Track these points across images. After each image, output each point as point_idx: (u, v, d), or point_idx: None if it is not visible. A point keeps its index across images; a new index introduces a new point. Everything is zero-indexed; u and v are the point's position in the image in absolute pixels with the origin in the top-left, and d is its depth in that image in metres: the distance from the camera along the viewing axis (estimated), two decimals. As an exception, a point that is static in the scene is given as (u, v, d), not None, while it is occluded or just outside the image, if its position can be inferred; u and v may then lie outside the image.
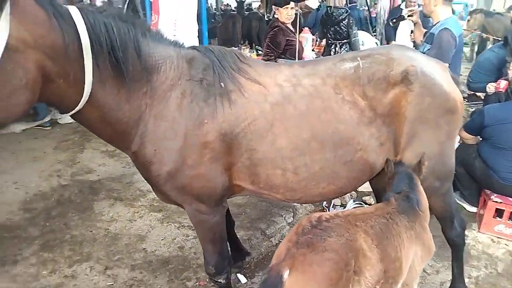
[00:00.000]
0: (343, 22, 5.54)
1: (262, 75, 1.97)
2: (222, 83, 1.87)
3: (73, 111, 1.67)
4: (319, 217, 1.63)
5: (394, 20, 4.29)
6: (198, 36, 4.20)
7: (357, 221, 1.67)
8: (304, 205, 3.71)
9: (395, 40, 6.76)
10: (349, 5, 8.81)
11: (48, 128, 5.81)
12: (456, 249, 2.47)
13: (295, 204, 3.69)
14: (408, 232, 1.75)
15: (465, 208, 3.75)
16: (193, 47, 2.01)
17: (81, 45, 1.56)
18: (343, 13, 5.53)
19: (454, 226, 2.37)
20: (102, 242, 3.22)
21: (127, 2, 5.34)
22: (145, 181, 2.02)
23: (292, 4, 4.42)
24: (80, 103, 1.63)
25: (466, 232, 2.79)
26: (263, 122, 1.89)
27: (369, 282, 1.55)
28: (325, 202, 3.69)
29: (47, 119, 1.75)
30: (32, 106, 1.56)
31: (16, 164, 4.75)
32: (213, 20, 11.28)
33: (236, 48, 6.03)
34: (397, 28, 6.51)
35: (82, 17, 1.57)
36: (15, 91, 1.41)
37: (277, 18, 4.58)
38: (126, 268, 2.90)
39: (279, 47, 4.48)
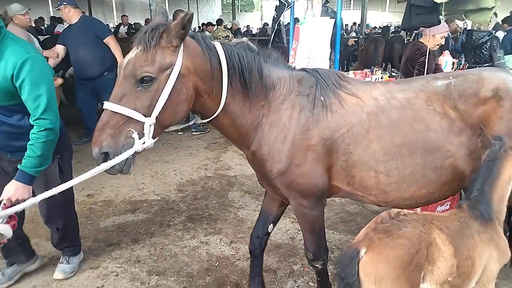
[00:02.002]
0: (485, 45, 5.35)
1: (359, 90, 2.24)
2: (325, 97, 2.18)
3: (211, 118, 2.12)
4: (397, 212, 1.88)
5: None
6: (330, 59, 4.69)
7: (433, 220, 1.87)
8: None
9: None
10: (508, 27, 8.13)
11: (206, 132, 7.11)
12: None
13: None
14: (481, 235, 1.88)
15: None
16: (303, 69, 2.35)
17: (221, 69, 2.02)
18: (484, 36, 5.34)
19: None
20: (231, 222, 3.97)
21: (274, 30, 6.22)
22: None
23: (443, 31, 4.37)
24: (217, 112, 2.09)
25: None
26: (359, 129, 2.15)
27: (441, 273, 1.74)
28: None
29: (191, 123, 2.33)
30: (187, 114, 2.09)
31: (177, 156, 6.01)
32: (354, 44, 11.58)
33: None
34: None
35: (223, 49, 2.05)
36: (180, 103, 1.94)
37: (423, 43, 4.48)
38: (246, 245, 3.50)
39: (431, 72, 4.44)
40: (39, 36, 7.82)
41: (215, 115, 2.10)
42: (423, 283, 1.74)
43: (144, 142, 1.87)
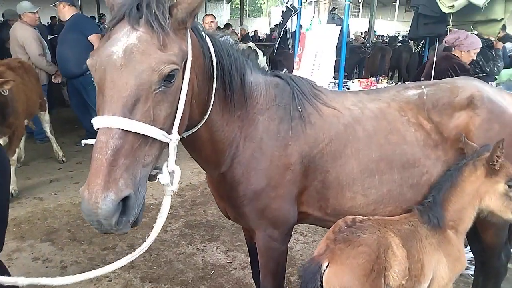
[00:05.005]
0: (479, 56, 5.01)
1: (332, 100, 2.03)
2: (302, 107, 1.93)
3: (192, 131, 1.67)
4: (353, 218, 1.86)
5: None
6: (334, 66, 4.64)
7: (386, 224, 1.87)
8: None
9: None
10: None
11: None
12: (497, 279, 2.40)
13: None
14: (429, 239, 1.88)
15: None
16: (276, 75, 2.04)
17: (213, 67, 1.64)
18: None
19: (501, 257, 2.35)
20: (229, 230, 3.90)
21: (280, 36, 6.19)
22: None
23: (478, 47, 4.16)
24: (201, 123, 1.67)
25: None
26: (337, 143, 1.93)
27: (397, 277, 1.74)
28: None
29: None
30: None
31: (177, 160, 5.89)
32: (360, 53, 11.47)
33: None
34: None
35: (211, 42, 1.66)
36: (186, 107, 1.47)
37: (458, 57, 4.24)
38: (243, 253, 3.47)
39: None
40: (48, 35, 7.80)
41: (197, 127, 1.68)
42: None
43: (173, 172, 1.41)
